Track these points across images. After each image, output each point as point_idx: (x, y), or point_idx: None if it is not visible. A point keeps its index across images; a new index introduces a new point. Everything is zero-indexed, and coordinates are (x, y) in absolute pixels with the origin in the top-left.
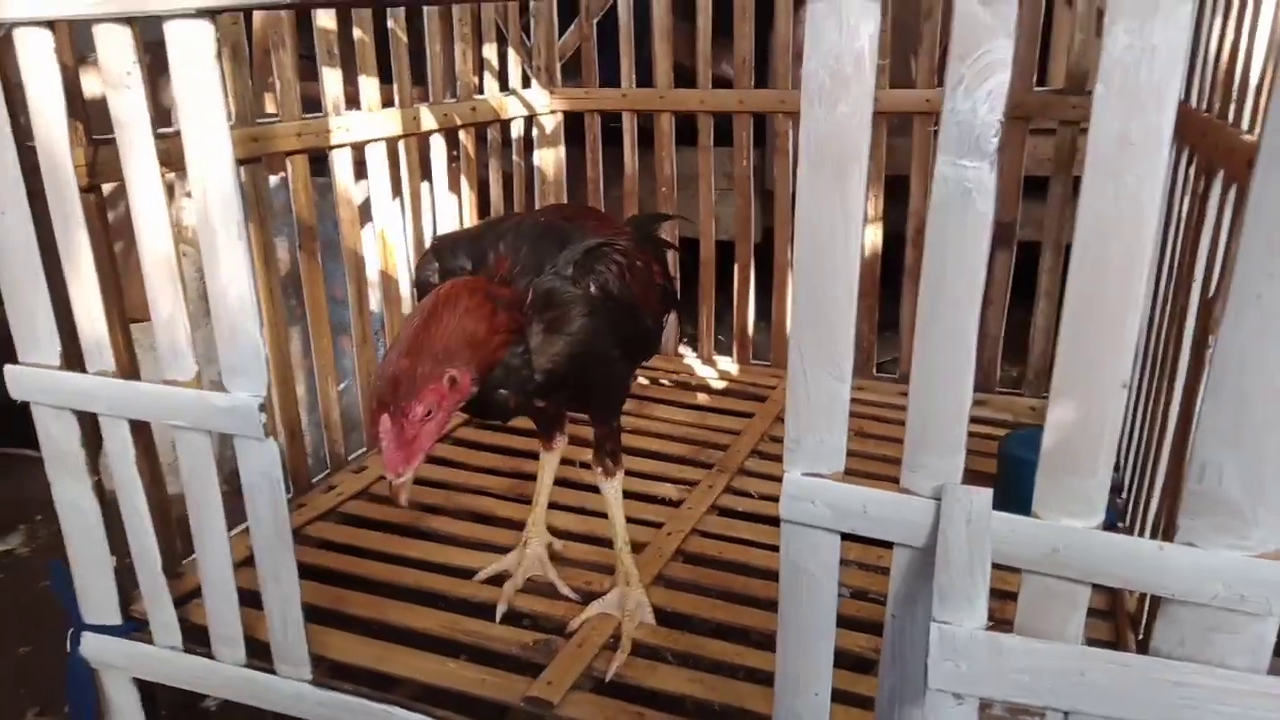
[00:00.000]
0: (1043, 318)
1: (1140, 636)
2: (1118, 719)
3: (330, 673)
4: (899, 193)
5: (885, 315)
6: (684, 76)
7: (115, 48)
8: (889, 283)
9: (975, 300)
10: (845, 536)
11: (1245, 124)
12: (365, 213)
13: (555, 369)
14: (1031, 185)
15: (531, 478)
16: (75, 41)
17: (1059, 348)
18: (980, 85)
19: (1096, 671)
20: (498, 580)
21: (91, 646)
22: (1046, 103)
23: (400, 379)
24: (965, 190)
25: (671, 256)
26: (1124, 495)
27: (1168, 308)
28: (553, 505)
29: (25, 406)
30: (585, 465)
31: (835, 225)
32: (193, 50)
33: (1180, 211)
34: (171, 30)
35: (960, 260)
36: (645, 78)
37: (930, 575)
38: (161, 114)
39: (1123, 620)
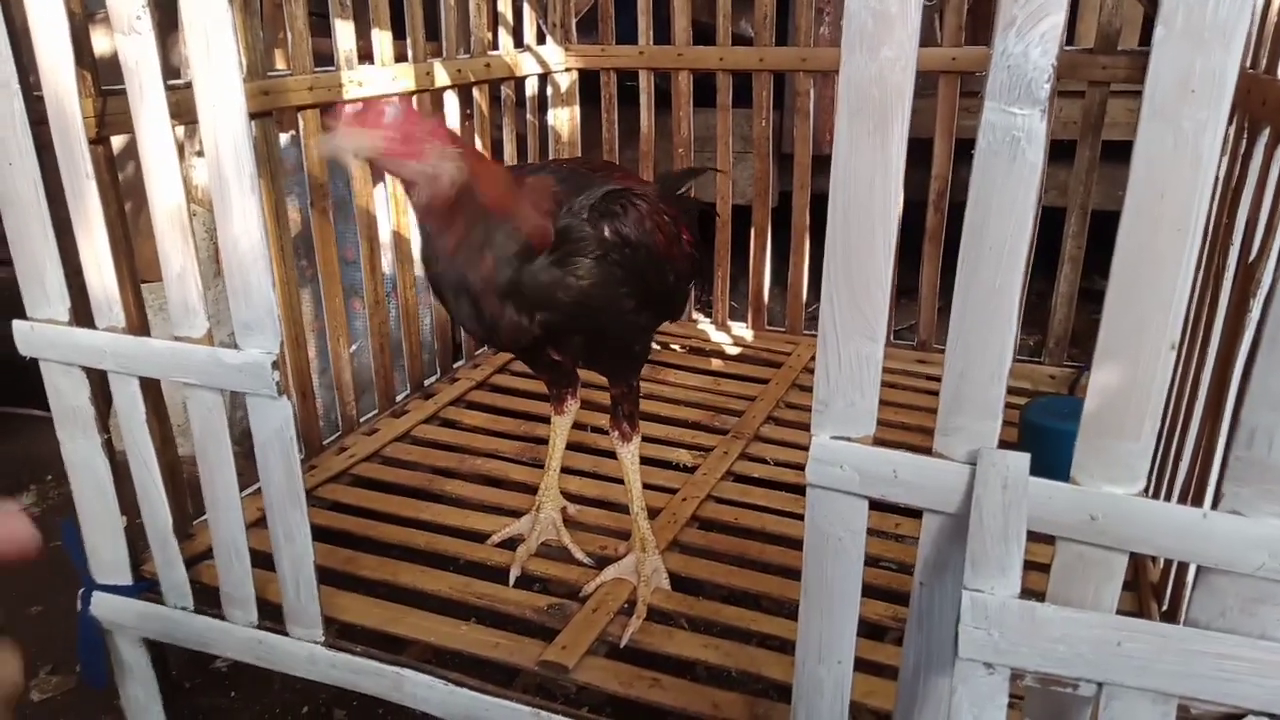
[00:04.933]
0: (1066, 284)
1: (1164, 608)
2: (1154, 690)
3: (341, 635)
4: (919, 157)
5: (903, 282)
6: (703, 35)
7: None
8: (907, 249)
9: (1020, 255)
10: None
11: None
12: (378, 171)
13: (558, 309)
14: (1053, 150)
15: (545, 442)
16: None
17: (1105, 307)
18: (1033, 27)
19: (1133, 642)
20: (511, 544)
21: (102, 606)
22: (1075, 63)
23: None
24: (1014, 139)
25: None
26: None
27: (1202, 271)
28: (566, 470)
29: (36, 365)
30: (599, 430)
31: (875, 177)
32: None
33: (1219, 174)
34: None
35: (1006, 212)
36: (663, 35)
37: (962, 542)
38: (170, 71)
39: (1145, 590)
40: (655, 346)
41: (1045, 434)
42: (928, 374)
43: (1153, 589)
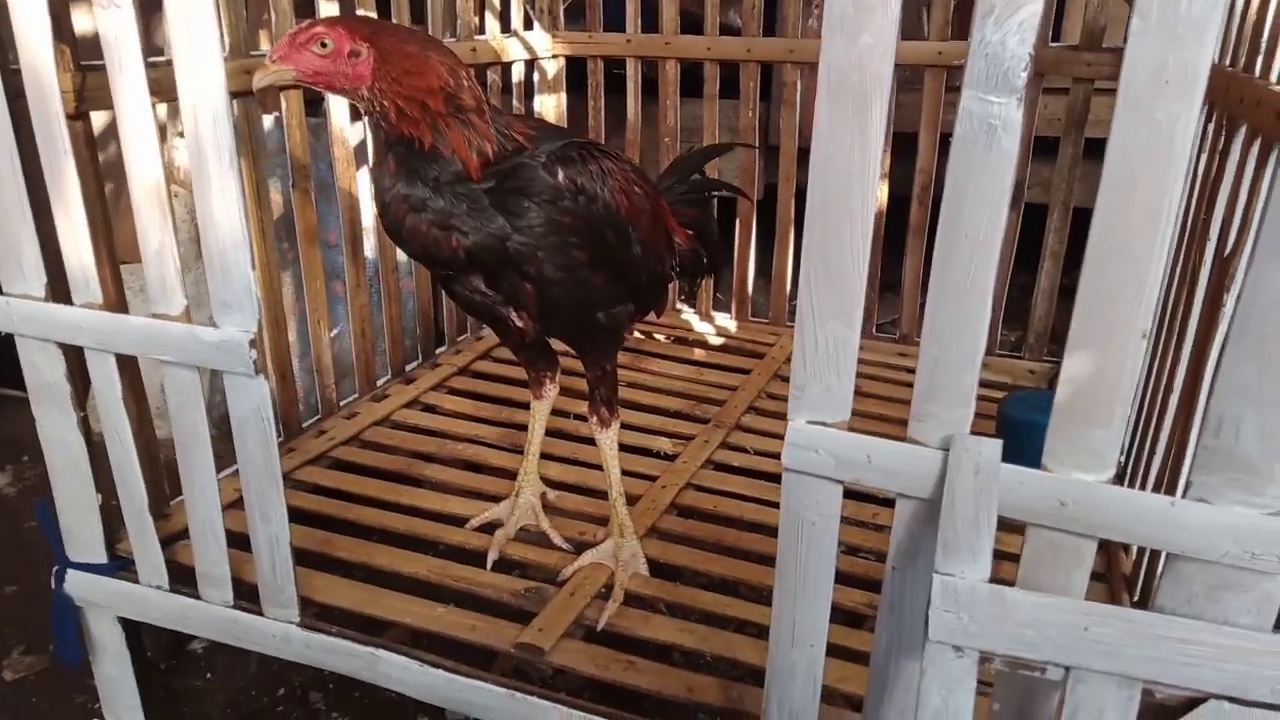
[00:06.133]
0: (1047, 279)
1: (1135, 599)
2: (1120, 674)
3: (318, 616)
4: (904, 152)
5: (886, 276)
6: (690, 25)
7: None
8: (891, 243)
9: (995, 242)
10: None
11: (1275, 75)
12: (361, 155)
13: (486, 245)
14: (1036, 146)
15: (525, 428)
16: None
17: (1078, 295)
18: (1011, 16)
19: (1100, 626)
20: (489, 529)
21: (76, 584)
22: (1060, 59)
23: (338, 23)
24: (990, 127)
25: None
26: (1123, 452)
27: (1178, 265)
28: (546, 456)
29: (12, 345)
30: (579, 417)
31: (853, 162)
32: None
33: (1196, 170)
34: None
35: (982, 199)
36: (651, 24)
37: (934, 527)
38: (152, 51)
39: (1118, 582)
40: (639, 336)
41: (1023, 427)
42: (909, 367)
43: (1125, 580)
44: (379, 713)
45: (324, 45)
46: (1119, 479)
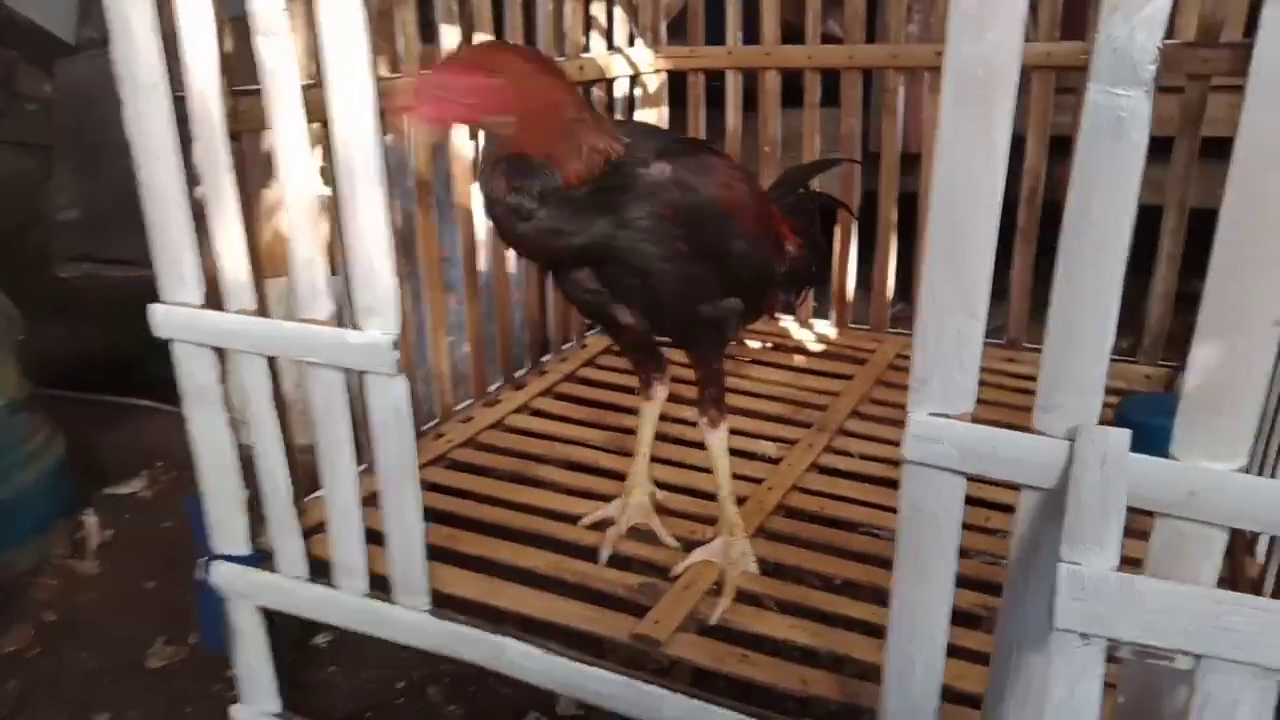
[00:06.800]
0: (1162, 283)
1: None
2: (1255, 664)
3: (443, 606)
4: (1010, 154)
5: (993, 282)
6: (790, 35)
7: None
8: (997, 251)
9: (1124, 232)
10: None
11: None
12: (477, 170)
13: (591, 245)
14: (1150, 147)
15: (629, 432)
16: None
17: (1207, 281)
18: (1140, 11)
19: (1234, 615)
20: (601, 527)
21: (221, 574)
22: (1174, 56)
23: (462, 62)
24: (1118, 119)
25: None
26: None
27: None
28: (654, 459)
29: (143, 359)
30: (685, 422)
31: (977, 157)
32: None
33: None
34: None
35: (1110, 191)
36: (750, 36)
37: (1059, 518)
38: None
39: (1244, 586)
40: (734, 342)
41: (1142, 430)
42: (1018, 373)
43: (1251, 585)
44: (492, 707)
45: (470, 87)
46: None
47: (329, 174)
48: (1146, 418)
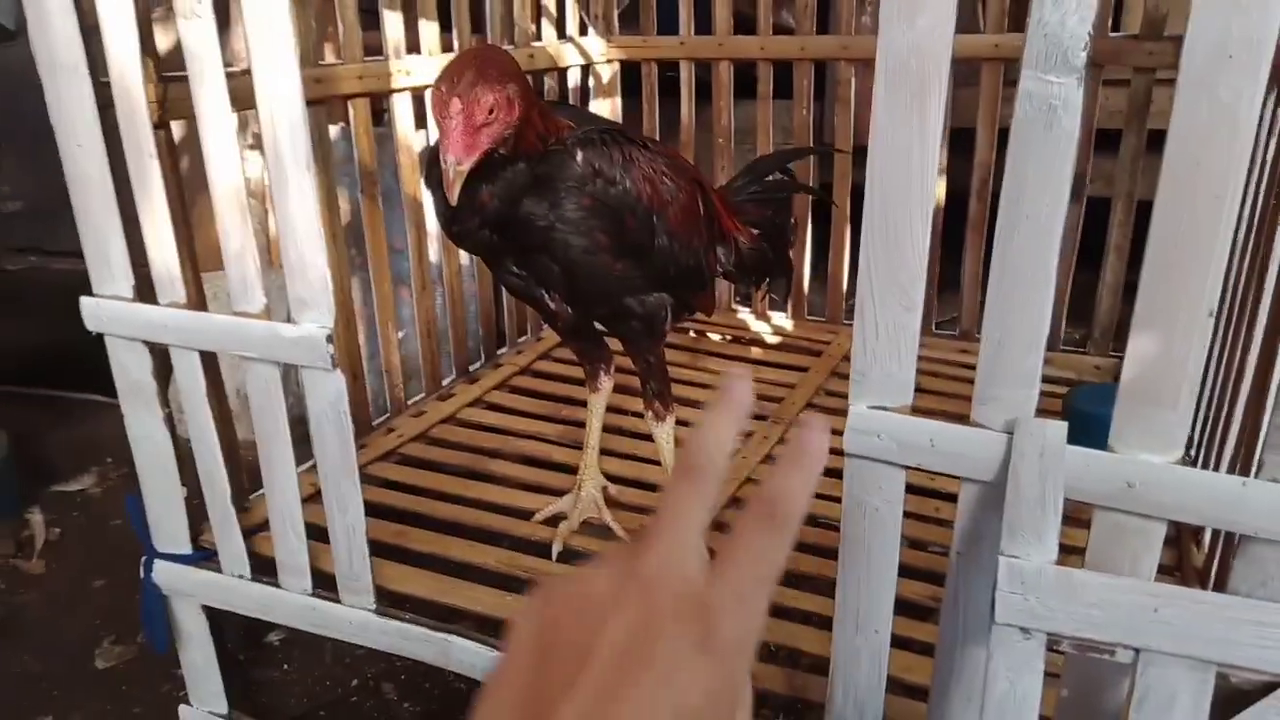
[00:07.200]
0: (1111, 274)
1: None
2: (1192, 657)
3: (392, 604)
4: (962, 148)
5: (945, 274)
6: (743, 25)
7: None
8: (948, 241)
9: (1056, 223)
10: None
11: None
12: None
13: (515, 217)
14: (1099, 140)
15: (584, 426)
16: None
17: (1142, 273)
18: None
19: (1171, 608)
20: (554, 522)
21: (163, 573)
22: (1120, 49)
23: (472, 76)
24: (1050, 107)
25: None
26: (1196, 429)
27: (1252, 235)
28: (606, 452)
29: (95, 352)
30: (637, 414)
31: (911, 146)
32: None
33: (1265, 156)
34: None
35: (1042, 179)
36: (703, 26)
37: (998, 511)
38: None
39: (1189, 575)
40: (693, 335)
41: (1091, 420)
42: (969, 363)
43: (1197, 573)
44: (449, 703)
45: (492, 113)
46: (1194, 449)
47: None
48: (1095, 408)
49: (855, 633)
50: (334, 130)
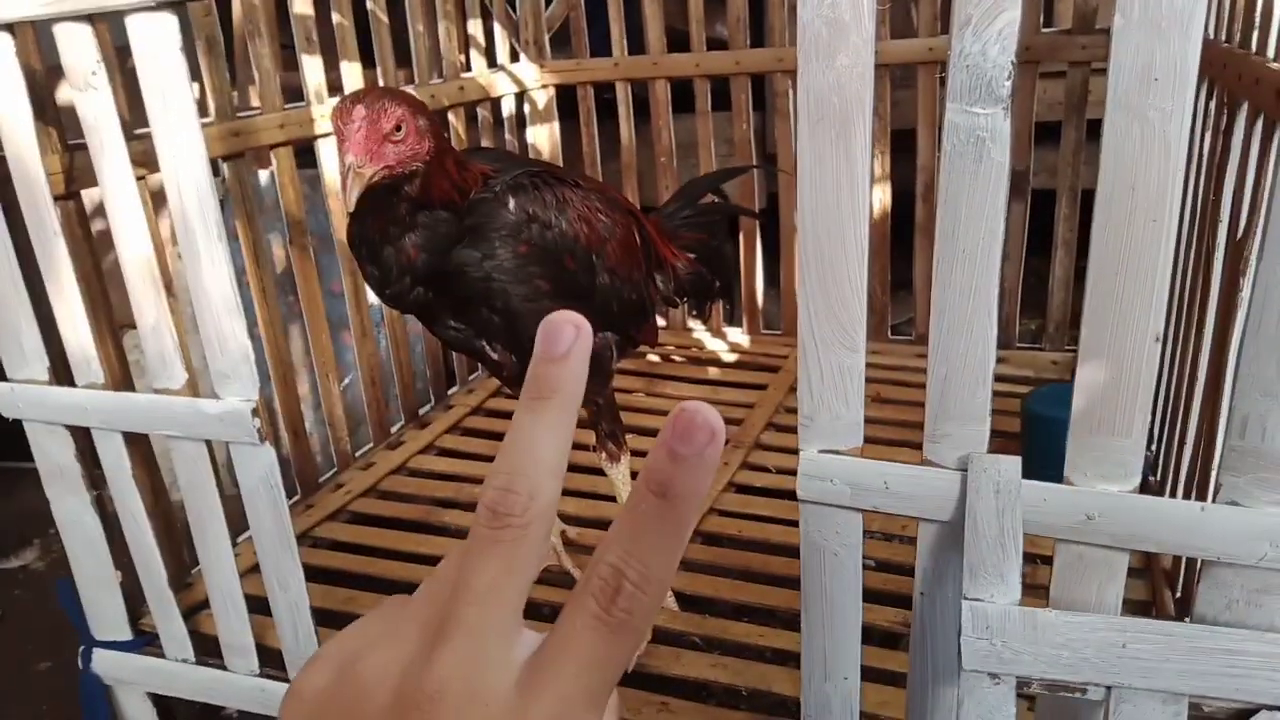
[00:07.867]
0: (1061, 267)
1: (1178, 594)
2: (1164, 690)
3: None
4: (906, 147)
5: (897, 275)
6: (677, 42)
7: (77, 48)
8: (900, 241)
9: (994, 257)
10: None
11: (1272, 51)
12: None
13: (448, 272)
14: (1042, 131)
15: None
16: (43, 48)
17: (1085, 302)
18: (990, 24)
19: (1139, 643)
20: None
21: (103, 663)
22: (1055, 44)
23: (380, 92)
24: (978, 139)
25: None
26: (1153, 448)
27: (1192, 252)
28: (564, 492)
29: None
30: (594, 449)
31: (840, 187)
32: (156, 44)
33: (1202, 149)
34: (133, 25)
35: (976, 213)
36: (637, 45)
37: (959, 550)
38: (140, 117)
39: (1158, 577)
40: (652, 358)
41: (1049, 424)
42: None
43: (1165, 575)
44: None
45: (399, 130)
46: (1151, 472)
47: None
48: (1053, 411)
49: (824, 680)
50: (263, 175)
